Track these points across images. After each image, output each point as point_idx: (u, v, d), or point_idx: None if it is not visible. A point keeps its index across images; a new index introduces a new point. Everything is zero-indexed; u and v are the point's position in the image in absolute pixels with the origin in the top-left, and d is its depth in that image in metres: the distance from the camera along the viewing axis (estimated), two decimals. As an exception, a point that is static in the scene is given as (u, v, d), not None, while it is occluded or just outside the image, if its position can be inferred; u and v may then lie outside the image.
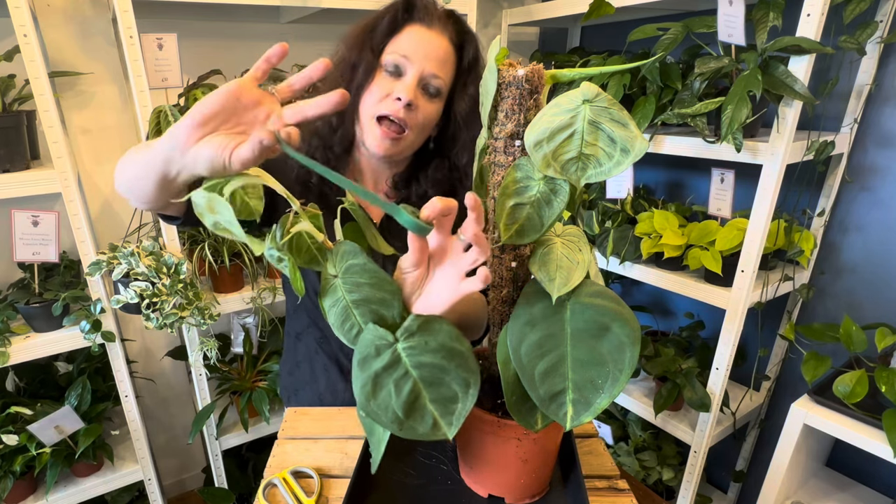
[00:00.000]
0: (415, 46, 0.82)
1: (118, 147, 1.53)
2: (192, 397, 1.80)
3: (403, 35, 0.84)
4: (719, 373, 1.38)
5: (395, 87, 0.82)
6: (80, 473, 1.44)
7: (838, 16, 1.18)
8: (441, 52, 0.83)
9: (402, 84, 0.82)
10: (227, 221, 0.49)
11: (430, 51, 0.83)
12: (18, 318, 1.30)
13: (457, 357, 0.52)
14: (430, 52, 0.82)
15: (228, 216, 0.48)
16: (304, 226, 0.55)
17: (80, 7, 1.42)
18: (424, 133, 0.88)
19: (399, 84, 0.82)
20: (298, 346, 1.04)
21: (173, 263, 1.27)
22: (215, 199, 0.49)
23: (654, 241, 1.44)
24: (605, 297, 0.49)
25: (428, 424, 0.52)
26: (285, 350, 1.09)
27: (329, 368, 1.00)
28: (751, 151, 1.20)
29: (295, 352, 1.05)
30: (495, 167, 0.54)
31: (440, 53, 0.83)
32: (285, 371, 1.08)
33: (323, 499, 0.69)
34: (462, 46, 0.86)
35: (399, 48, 0.83)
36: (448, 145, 0.91)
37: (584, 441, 0.80)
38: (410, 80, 0.82)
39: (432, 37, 0.83)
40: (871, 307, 1.36)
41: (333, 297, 0.57)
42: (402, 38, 0.83)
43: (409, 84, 0.82)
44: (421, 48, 0.82)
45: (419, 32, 0.83)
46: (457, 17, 0.87)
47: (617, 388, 0.47)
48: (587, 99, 0.46)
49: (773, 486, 1.24)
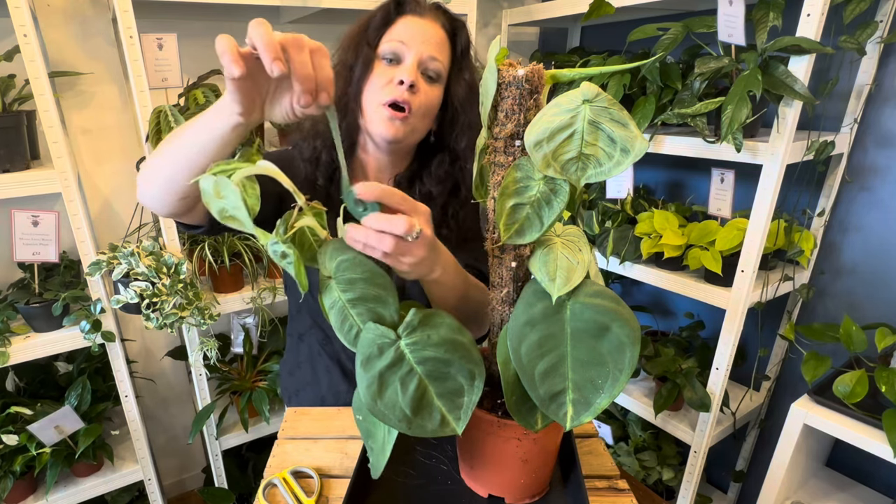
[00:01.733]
0: (410, 33, 0.85)
1: (118, 147, 1.53)
2: (192, 397, 1.80)
3: (397, 25, 0.86)
4: (719, 373, 1.38)
5: (395, 73, 0.84)
6: (80, 473, 1.44)
7: (838, 16, 1.18)
8: (436, 37, 0.86)
9: (402, 68, 0.84)
10: (234, 207, 0.48)
11: (426, 36, 0.85)
12: (18, 318, 1.30)
13: (460, 349, 0.52)
14: (426, 37, 0.85)
15: (235, 201, 0.47)
16: (307, 221, 0.55)
17: (80, 7, 1.42)
18: (428, 119, 0.89)
19: (399, 69, 0.84)
20: (300, 346, 1.04)
21: (173, 263, 1.27)
22: (223, 182, 0.48)
23: (654, 241, 1.44)
24: (605, 297, 0.49)
25: (436, 421, 0.52)
26: (287, 350, 1.09)
27: (331, 370, 1.00)
28: (751, 151, 1.20)
29: (297, 352, 1.05)
30: (495, 167, 0.54)
31: (436, 38, 0.85)
32: (286, 371, 1.08)
33: (323, 499, 0.69)
34: (454, 33, 0.88)
35: (395, 36, 0.85)
36: (447, 132, 0.92)
37: (584, 441, 0.80)
38: (410, 64, 0.84)
39: (426, 24, 0.86)
40: (871, 307, 1.36)
41: (331, 299, 0.57)
42: (397, 28, 0.86)
43: (410, 66, 0.83)
44: (417, 34, 0.84)
45: (413, 21, 0.86)
46: (445, 8, 0.89)
47: (617, 388, 0.47)
48: (587, 99, 0.46)
49: (773, 486, 1.24)
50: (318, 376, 1.01)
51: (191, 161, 0.64)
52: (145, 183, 0.70)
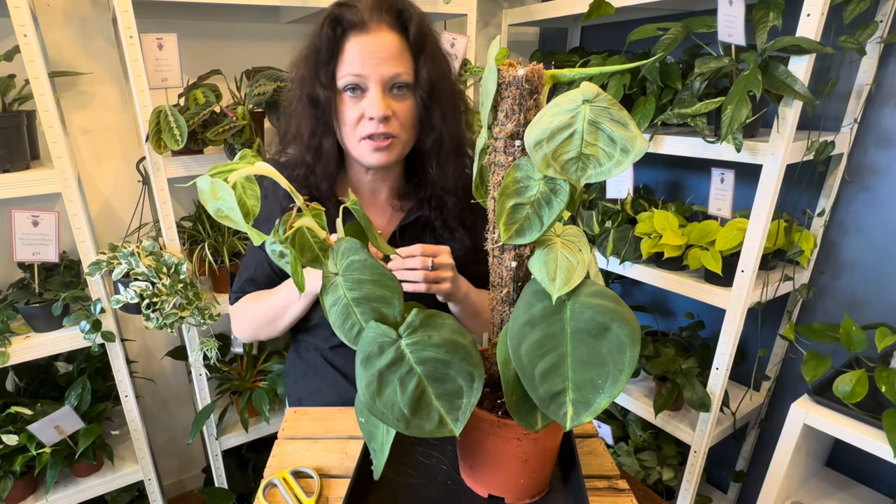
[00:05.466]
0: (362, 59, 0.79)
1: (118, 147, 1.53)
2: (192, 397, 1.80)
3: (346, 52, 0.80)
4: (719, 373, 1.38)
5: (364, 107, 0.80)
6: (80, 473, 1.44)
7: (838, 16, 1.18)
8: (390, 47, 0.80)
9: (368, 101, 0.80)
10: (229, 208, 0.49)
11: (380, 53, 0.79)
12: (18, 318, 1.30)
13: (460, 351, 0.52)
14: (380, 55, 0.79)
15: (231, 202, 0.48)
16: (306, 221, 0.55)
17: (80, 7, 1.42)
18: (413, 129, 0.86)
19: (365, 102, 0.80)
20: (307, 356, 1.04)
21: (173, 263, 1.27)
22: (219, 184, 0.49)
23: (654, 241, 1.44)
24: (605, 297, 0.49)
25: (434, 421, 0.52)
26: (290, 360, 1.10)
27: (338, 382, 1.00)
28: (751, 151, 1.20)
29: (303, 362, 1.05)
30: (495, 167, 0.54)
31: (390, 51, 0.80)
32: (290, 380, 1.08)
33: (323, 499, 0.69)
34: (405, 26, 0.82)
35: (349, 69, 0.80)
36: (429, 115, 0.87)
37: (584, 441, 0.80)
38: (375, 94, 0.79)
39: (373, 39, 0.79)
40: (871, 307, 1.36)
41: (334, 296, 0.57)
42: (347, 55, 0.80)
43: (376, 98, 0.79)
44: (369, 58, 0.79)
45: (359, 43, 0.79)
46: (383, 1, 0.81)
47: (617, 388, 0.47)
48: (587, 99, 0.46)
49: (773, 486, 1.24)
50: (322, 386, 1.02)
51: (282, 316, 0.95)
52: (247, 327, 1.00)
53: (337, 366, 1.00)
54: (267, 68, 1.44)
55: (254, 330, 0.98)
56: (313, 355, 1.02)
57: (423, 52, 0.83)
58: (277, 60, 1.54)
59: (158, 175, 1.28)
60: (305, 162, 0.88)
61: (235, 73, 1.51)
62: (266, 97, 1.32)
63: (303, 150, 0.88)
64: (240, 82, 1.51)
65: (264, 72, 1.37)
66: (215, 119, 1.30)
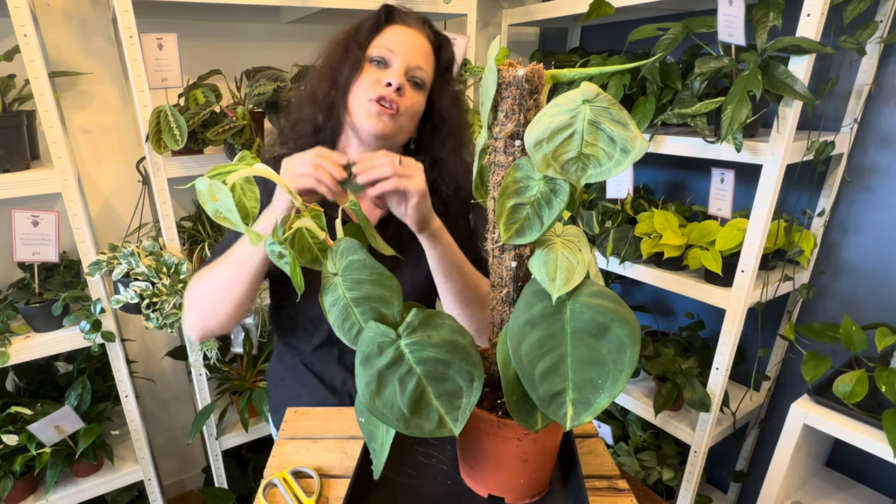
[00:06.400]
0: (399, 41, 0.88)
1: (118, 147, 1.53)
2: (192, 397, 1.80)
3: (386, 33, 0.89)
4: (719, 373, 1.38)
5: (383, 75, 0.86)
6: (80, 473, 1.44)
7: (838, 16, 1.18)
8: (423, 47, 0.89)
9: (390, 72, 0.87)
10: (228, 209, 0.50)
11: (414, 45, 0.88)
12: (18, 318, 1.30)
13: (459, 350, 0.52)
14: (413, 46, 0.88)
15: (229, 203, 0.49)
16: (305, 222, 0.55)
17: (80, 7, 1.41)
18: (413, 122, 0.92)
19: (387, 72, 0.87)
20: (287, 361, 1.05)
21: (173, 263, 1.27)
22: (217, 186, 0.49)
23: (654, 241, 1.44)
24: (605, 297, 0.49)
25: (434, 421, 0.52)
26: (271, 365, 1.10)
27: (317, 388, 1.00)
28: (751, 151, 1.20)
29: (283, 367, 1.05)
30: (495, 167, 0.54)
31: (422, 49, 0.89)
32: (272, 385, 1.09)
33: (323, 499, 0.69)
34: (439, 47, 0.92)
35: (384, 43, 0.88)
36: (428, 139, 0.96)
37: (584, 441, 0.80)
38: (398, 69, 0.87)
39: (413, 34, 0.89)
40: (871, 307, 1.36)
41: (334, 296, 0.57)
42: (386, 35, 0.89)
43: (398, 71, 0.87)
44: (404, 42, 0.88)
45: (401, 30, 0.89)
46: (431, 23, 0.94)
47: (617, 388, 0.47)
48: (587, 99, 0.46)
49: (773, 486, 1.24)
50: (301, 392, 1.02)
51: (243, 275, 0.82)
52: (198, 305, 0.87)
53: (315, 371, 1.01)
54: (267, 68, 1.44)
55: (199, 307, 0.85)
56: (293, 360, 1.03)
57: (444, 77, 0.93)
58: (277, 60, 1.54)
59: (158, 175, 1.28)
60: (316, 122, 0.93)
61: (235, 73, 1.51)
62: (266, 97, 1.32)
63: (314, 108, 0.93)
64: (240, 82, 1.51)
65: (264, 72, 1.37)
66: (215, 119, 1.30)
